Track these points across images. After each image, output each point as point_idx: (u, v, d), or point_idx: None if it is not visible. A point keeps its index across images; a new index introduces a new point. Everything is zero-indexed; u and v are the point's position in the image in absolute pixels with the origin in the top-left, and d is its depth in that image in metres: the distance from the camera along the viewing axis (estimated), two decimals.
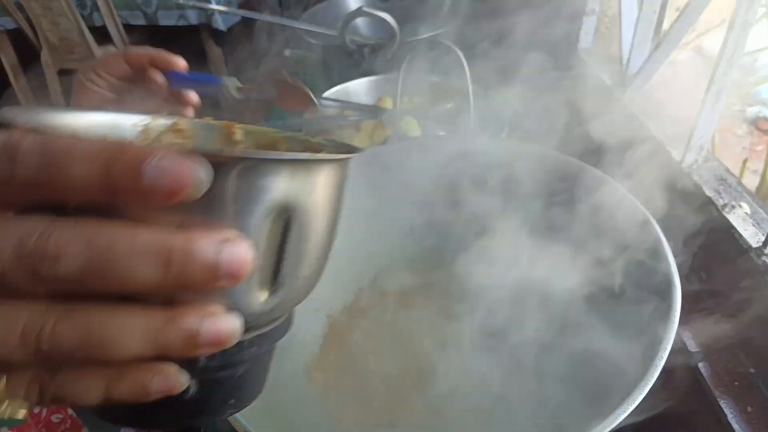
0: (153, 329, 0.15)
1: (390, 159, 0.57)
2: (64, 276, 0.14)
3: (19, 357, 0.15)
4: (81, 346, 0.15)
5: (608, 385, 0.41)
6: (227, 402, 0.21)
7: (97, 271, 0.14)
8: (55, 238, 0.14)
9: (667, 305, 0.39)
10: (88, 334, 0.15)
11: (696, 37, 0.77)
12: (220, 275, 0.15)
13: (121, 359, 0.15)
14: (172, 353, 0.16)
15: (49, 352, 0.15)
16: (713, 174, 0.58)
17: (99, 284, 0.15)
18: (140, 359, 0.16)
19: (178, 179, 0.14)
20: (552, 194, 0.53)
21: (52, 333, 0.15)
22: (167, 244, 0.15)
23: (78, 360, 0.15)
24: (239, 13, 1.25)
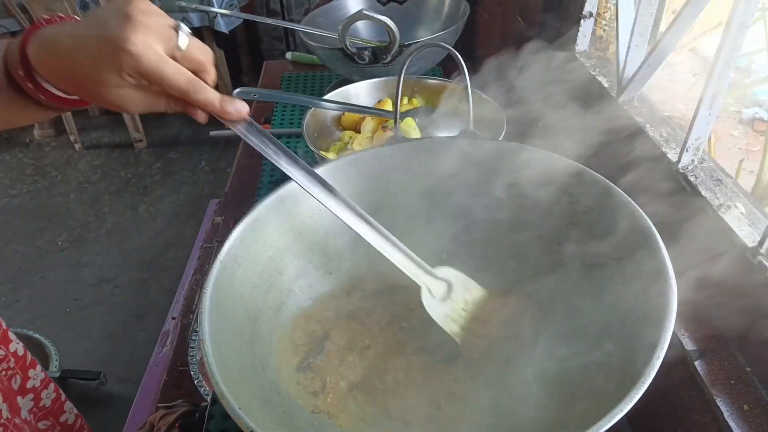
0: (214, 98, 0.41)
1: (390, 160, 0.58)
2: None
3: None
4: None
5: (606, 383, 0.41)
6: None
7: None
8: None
9: (664, 305, 0.39)
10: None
11: (692, 40, 0.78)
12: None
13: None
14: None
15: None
16: (709, 175, 0.59)
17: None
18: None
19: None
20: (547, 195, 0.54)
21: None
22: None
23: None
24: (241, 16, 1.26)
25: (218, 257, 0.46)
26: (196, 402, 0.71)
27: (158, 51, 0.37)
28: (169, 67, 0.37)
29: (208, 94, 0.40)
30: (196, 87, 0.39)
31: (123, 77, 0.37)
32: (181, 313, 0.94)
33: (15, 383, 0.68)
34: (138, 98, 0.39)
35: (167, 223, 2.18)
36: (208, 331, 0.41)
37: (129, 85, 0.38)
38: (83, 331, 1.74)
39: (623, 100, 0.72)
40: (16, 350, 0.67)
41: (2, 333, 0.65)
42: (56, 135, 2.71)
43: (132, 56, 0.36)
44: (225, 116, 0.42)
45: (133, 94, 0.39)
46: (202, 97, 0.40)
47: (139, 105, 0.39)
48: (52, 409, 0.74)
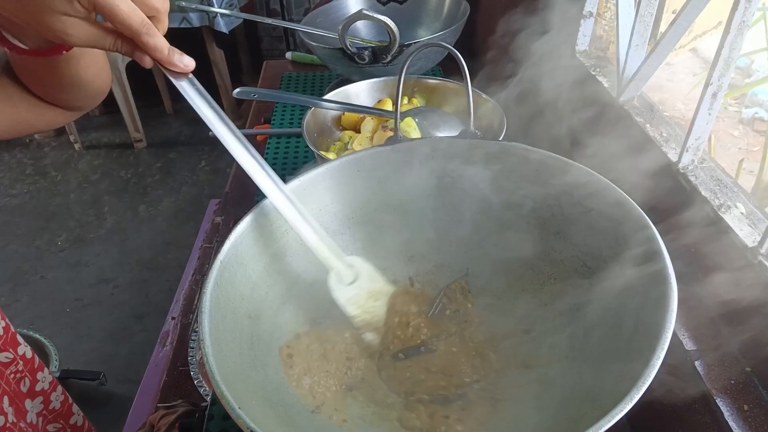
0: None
1: (390, 160, 0.58)
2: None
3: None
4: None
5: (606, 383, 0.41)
6: None
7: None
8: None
9: (664, 305, 0.39)
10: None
11: (693, 39, 0.78)
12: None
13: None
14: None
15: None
16: (710, 175, 0.59)
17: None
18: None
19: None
20: (547, 196, 0.54)
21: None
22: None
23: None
24: (241, 16, 1.26)
25: (218, 257, 0.46)
26: (196, 402, 0.71)
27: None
28: (124, 3, 0.37)
29: (158, 40, 0.40)
30: (148, 29, 0.39)
31: (73, 5, 0.36)
32: (181, 313, 0.94)
33: (24, 386, 0.68)
34: (85, 31, 0.38)
35: (167, 223, 2.18)
36: (208, 331, 0.41)
37: (78, 16, 0.37)
38: (83, 331, 1.74)
39: (623, 100, 0.72)
40: (24, 353, 0.67)
41: (11, 336, 0.65)
42: (56, 135, 2.71)
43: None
44: (171, 66, 0.42)
45: (80, 24, 0.38)
46: (151, 42, 0.39)
47: (83, 38, 0.39)
48: (61, 411, 0.74)
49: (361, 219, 0.59)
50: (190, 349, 0.82)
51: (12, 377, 0.65)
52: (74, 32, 0.38)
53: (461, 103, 0.86)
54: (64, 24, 0.37)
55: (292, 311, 0.54)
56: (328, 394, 0.50)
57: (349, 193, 0.57)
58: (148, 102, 2.71)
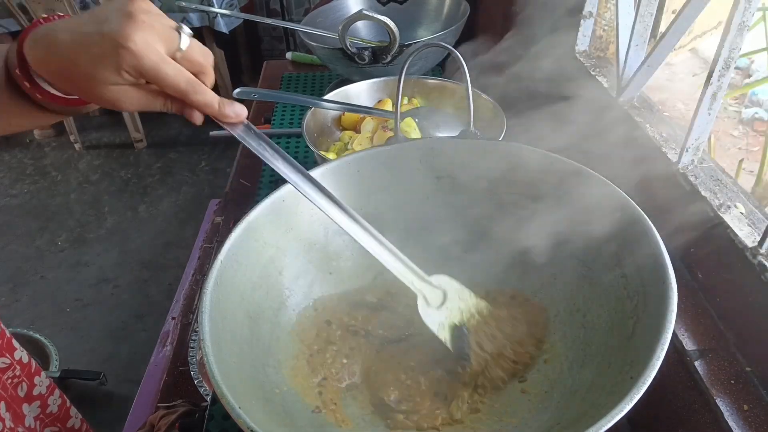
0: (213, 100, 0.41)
1: (390, 161, 0.58)
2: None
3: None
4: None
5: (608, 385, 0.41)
6: None
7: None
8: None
9: (663, 304, 0.39)
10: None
11: (692, 40, 0.78)
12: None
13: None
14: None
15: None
16: (709, 175, 0.59)
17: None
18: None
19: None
20: (547, 196, 0.54)
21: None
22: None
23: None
24: (241, 16, 1.26)
25: (218, 257, 0.46)
26: (196, 402, 0.71)
27: (159, 50, 0.37)
28: (169, 68, 0.37)
29: (207, 96, 0.40)
30: (195, 88, 0.39)
31: (122, 75, 0.37)
32: (181, 313, 0.93)
33: (21, 391, 0.68)
34: (135, 97, 0.39)
35: (167, 223, 2.18)
36: (208, 331, 0.41)
37: (127, 84, 0.38)
38: (83, 331, 1.74)
39: (623, 100, 0.72)
40: (21, 358, 0.67)
41: (6, 341, 0.65)
42: (56, 135, 2.71)
43: (133, 54, 0.36)
44: (223, 119, 0.42)
45: (130, 92, 0.38)
46: (200, 99, 0.40)
47: (135, 104, 0.39)
48: (59, 414, 0.73)
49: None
50: (190, 349, 0.82)
51: (9, 382, 0.65)
52: (126, 99, 0.39)
53: (461, 103, 0.86)
54: (115, 94, 0.38)
55: (292, 311, 0.54)
56: (329, 394, 0.50)
57: (349, 193, 0.57)
58: None
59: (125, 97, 0.39)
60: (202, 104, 0.40)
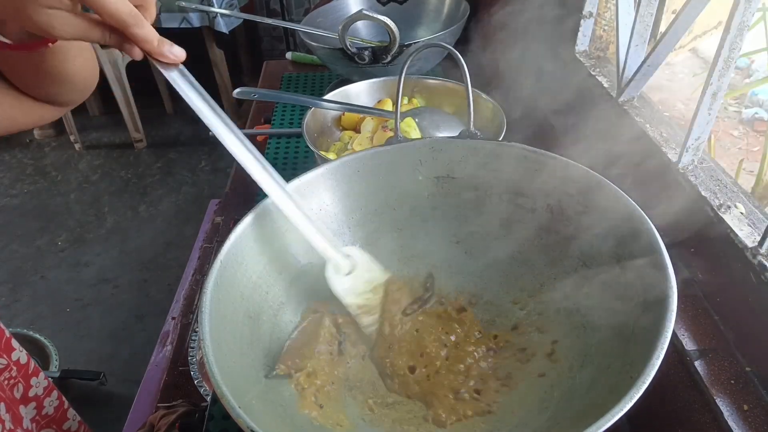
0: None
1: (390, 161, 0.58)
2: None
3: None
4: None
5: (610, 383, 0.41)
6: None
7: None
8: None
9: (663, 305, 0.39)
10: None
11: (692, 39, 0.78)
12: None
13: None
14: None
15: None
16: (709, 175, 0.59)
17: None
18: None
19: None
20: (546, 196, 0.54)
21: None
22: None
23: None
24: (241, 16, 1.26)
25: (218, 257, 0.46)
26: (196, 402, 0.71)
27: None
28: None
29: (148, 30, 0.39)
30: (137, 20, 0.38)
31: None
32: (181, 313, 0.93)
33: (17, 392, 0.67)
34: (71, 23, 0.37)
35: (167, 223, 2.18)
36: (208, 331, 0.41)
37: (64, 7, 0.36)
38: (83, 331, 1.74)
39: (623, 100, 0.72)
40: (18, 359, 0.67)
41: (5, 341, 0.65)
42: (56, 135, 2.71)
43: None
44: (161, 57, 0.41)
45: (66, 17, 0.37)
46: (141, 32, 0.38)
47: (69, 31, 0.37)
48: (55, 416, 0.73)
49: (360, 219, 0.59)
50: (190, 349, 0.82)
51: (6, 383, 0.65)
52: (60, 25, 0.36)
53: (461, 103, 0.86)
54: (50, 17, 0.36)
55: (292, 311, 0.54)
56: (329, 394, 0.50)
57: (349, 193, 0.57)
58: (148, 102, 2.70)
59: (60, 23, 0.36)
60: (141, 38, 0.39)
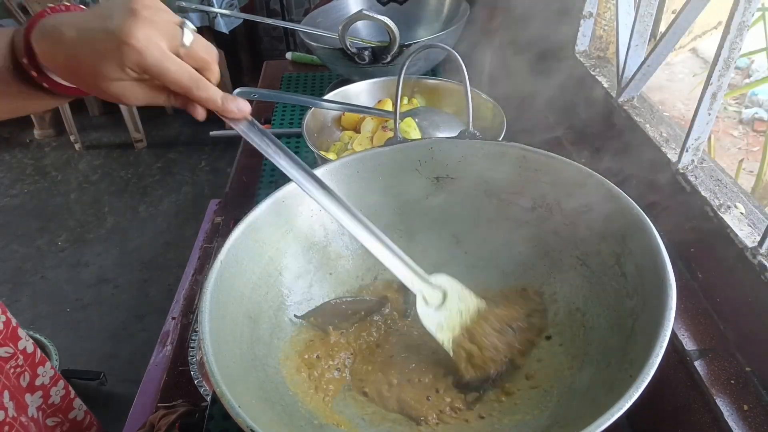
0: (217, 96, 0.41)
1: (390, 161, 0.58)
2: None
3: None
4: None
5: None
6: None
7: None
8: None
9: (663, 304, 0.39)
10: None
11: (692, 39, 0.78)
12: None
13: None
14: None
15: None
16: (709, 175, 0.59)
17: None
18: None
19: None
20: (546, 196, 0.54)
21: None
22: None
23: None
24: (241, 16, 1.26)
25: (218, 257, 0.46)
26: (196, 402, 0.71)
27: (161, 47, 0.37)
28: (172, 64, 0.38)
29: (210, 92, 0.40)
30: (198, 84, 0.39)
31: (125, 71, 0.37)
32: (181, 313, 0.93)
33: (23, 381, 0.68)
34: (139, 92, 0.39)
35: (167, 223, 2.18)
36: (208, 331, 0.41)
37: (130, 79, 0.38)
38: (83, 331, 1.74)
39: (623, 100, 0.72)
40: (25, 348, 0.68)
41: (11, 331, 0.66)
42: (56, 135, 2.71)
43: (135, 51, 0.36)
44: (227, 114, 0.42)
45: (133, 87, 0.39)
46: (203, 95, 0.40)
47: (139, 98, 0.40)
48: (61, 405, 0.74)
49: None
50: (190, 349, 0.82)
51: (12, 372, 0.65)
52: (129, 94, 0.39)
53: (461, 103, 0.86)
54: (119, 89, 0.39)
55: (292, 311, 0.54)
56: (329, 394, 0.50)
57: (349, 193, 0.57)
58: None
59: (129, 92, 0.39)
60: (204, 100, 0.40)
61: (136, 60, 0.36)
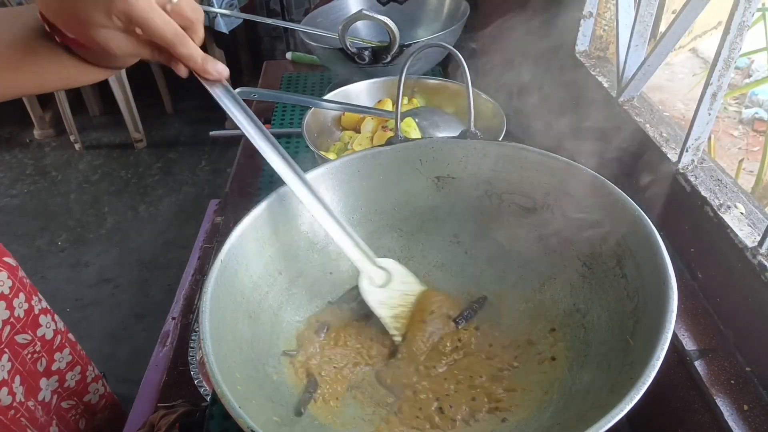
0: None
1: (390, 161, 0.58)
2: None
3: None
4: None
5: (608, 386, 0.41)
6: None
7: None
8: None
9: (663, 305, 0.39)
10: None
11: (692, 39, 0.78)
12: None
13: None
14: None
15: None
16: (709, 175, 0.59)
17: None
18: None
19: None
20: (546, 196, 0.54)
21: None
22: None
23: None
24: (241, 16, 1.26)
25: (218, 257, 0.46)
26: (196, 402, 0.71)
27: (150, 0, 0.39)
28: (158, 16, 0.39)
29: (192, 49, 0.42)
30: (182, 40, 0.41)
31: (112, 19, 0.39)
32: (181, 313, 0.94)
33: (41, 366, 0.71)
34: (124, 42, 0.41)
35: (167, 223, 2.18)
36: (208, 331, 0.41)
37: (117, 28, 0.40)
38: (83, 331, 1.74)
39: (623, 100, 0.72)
40: (44, 334, 0.71)
41: (32, 319, 0.69)
42: (56, 135, 2.71)
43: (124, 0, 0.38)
44: (205, 74, 0.44)
45: (119, 37, 0.40)
46: (185, 51, 0.41)
47: (123, 49, 0.41)
48: (76, 389, 0.78)
49: (361, 219, 0.59)
50: (191, 349, 0.82)
51: (29, 357, 0.68)
52: (115, 44, 0.41)
53: (461, 103, 0.86)
54: (106, 36, 0.40)
55: (292, 311, 0.54)
56: (329, 394, 0.50)
57: (350, 193, 0.57)
58: (148, 102, 2.70)
59: (115, 41, 0.40)
60: (186, 57, 0.42)
61: (124, 8, 0.38)
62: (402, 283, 0.53)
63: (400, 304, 0.52)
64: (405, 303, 0.52)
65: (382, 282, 0.52)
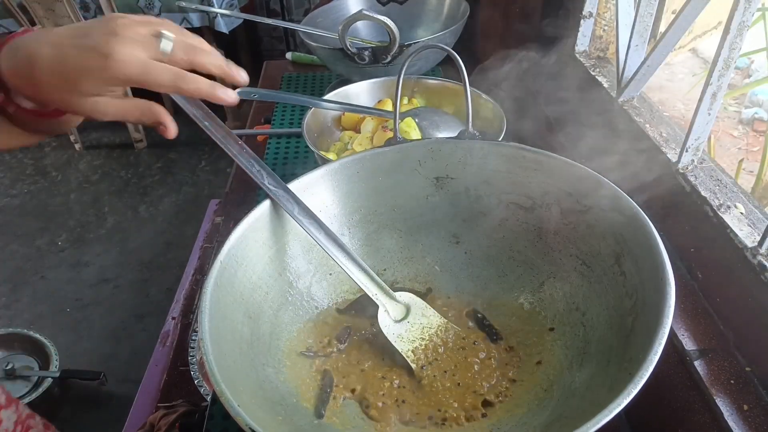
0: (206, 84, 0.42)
1: (389, 161, 0.58)
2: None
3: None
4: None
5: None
6: None
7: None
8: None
9: (662, 303, 0.39)
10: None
11: (692, 39, 0.78)
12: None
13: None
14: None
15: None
16: (709, 175, 0.59)
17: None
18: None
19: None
20: (546, 195, 0.54)
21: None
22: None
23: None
24: (241, 16, 1.26)
25: (218, 257, 0.47)
26: (196, 402, 0.71)
27: (143, 57, 0.39)
28: (154, 68, 0.39)
29: (199, 83, 0.41)
30: (184, 78, 0.40)
31: (106, 86, 0.39)
32: (181, 313, 0.94)
33: None
34: (114, 107, 0.41)
35: (167, 223, 2.18)
36: (208, 331, 0.41)
37: (108, 95, 0.40)
38: (83, 331, 1.74)
39: (623, 100, 0.72)
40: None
41: None
42: (56, 135, 2.71)
43: (119, 63, 0.38)
44: (218, 101, 0.44)
45: (111, 102, 0.41)
46: (192, 87, 0.41)
47: (112, 114, 0.41)
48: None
49: (360, 219, 0.59)
50: (191, 349, 0.82)
51: None
52: (105, 110, 0.41)
53: (461, 103, 0.86)
54: (95, 104, 0.40)
55: (292, 311, 0.54)
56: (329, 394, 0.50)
57: (349, 193, 0.58)
58: None
59: (105, 108, 0.41)
60: (194, 91, 0.41)
61: (120, 73, 0.38)
62: (421, 316, 0.53)
63: (419, 337, 0.52)
64: (424, 336, 0.53)
65: (399, 316, 0.53)
